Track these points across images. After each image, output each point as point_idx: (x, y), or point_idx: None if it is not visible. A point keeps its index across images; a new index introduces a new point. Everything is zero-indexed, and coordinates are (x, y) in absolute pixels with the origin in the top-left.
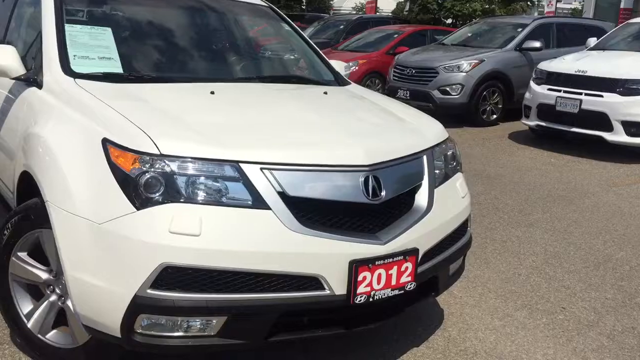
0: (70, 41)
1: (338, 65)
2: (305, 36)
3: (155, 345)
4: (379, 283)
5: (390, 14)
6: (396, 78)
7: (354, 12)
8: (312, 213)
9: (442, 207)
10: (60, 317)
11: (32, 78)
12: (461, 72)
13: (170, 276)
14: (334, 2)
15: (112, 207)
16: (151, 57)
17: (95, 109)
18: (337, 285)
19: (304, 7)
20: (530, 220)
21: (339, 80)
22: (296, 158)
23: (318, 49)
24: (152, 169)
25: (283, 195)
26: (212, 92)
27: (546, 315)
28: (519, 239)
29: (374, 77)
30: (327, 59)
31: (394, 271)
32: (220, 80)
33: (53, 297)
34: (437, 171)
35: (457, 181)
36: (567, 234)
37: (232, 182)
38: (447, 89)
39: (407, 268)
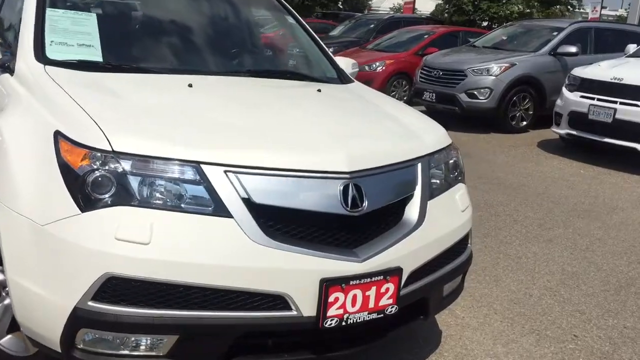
0: (50, 26)
1: (345, 63)
2: (311, 31)
3: None
4: (353, 305)
5: (428, 15)
6: (423, 80)
7: (392, 12)
8: (281, 224)
9: (436, 221)
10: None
11: (7, 64)
12: (490, 75)
13: (115, 288)
14: (372, 2)
15: (57, 207)
16: (135, 46)
17: (54, 99)
18: (306, 306)
19: (340, 7)
20: (550, 235)
21: (341, 78)
22: (265, 161)
23: (323, 45)
24: (103, 167)
25: (248, 202)
26: (190, 85)
27: (555, 343)
28: (535, 256)
29: (400, 78)
30: (331, 56)
31: (372, 292)
32: (206, 73)
33: (8, 300)
34: (435, 181)
35: (458, 193)
36: (589, 252)
37: (193, 185)
38: (475, 92)
39: (387, 289)
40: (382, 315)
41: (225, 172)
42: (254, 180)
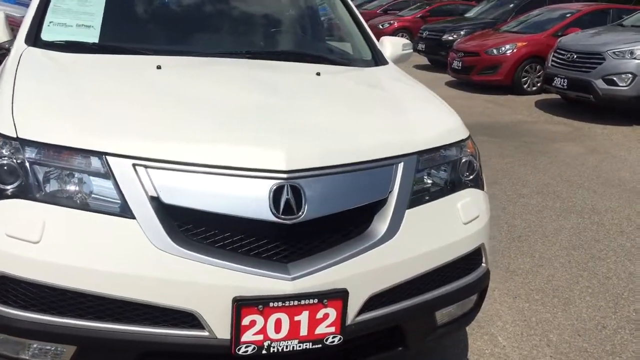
0: (54, 6)
1: (393, 43)
2: (353, 9)
3: None
4: (277, 331)
5: None
6: (555, 64)
7: None
8: (194, 229)
9: (417, 234)
10: None
11: (10, 46)
12: (635, 59)
13: (8, 289)
14: None
15: None
16: (134, 26)
17: (3, 82)
18: (219, 327)
19: None
20: None
21: (376, 60)
22: (181, 154)
23: (363, 23)
24: (7, 155)
25: (157, 201)
26: (159, 67)
27: None
28: (629, 277)
29: (534, 63)
30: (371, 36)
31: (303, 318)
32: (199, 55)
33: None
34: (425, 184)
35: (462, 200)
36: None
37: (97, 179)
38: (614, 78)
39: (326, 315)
40: (320, 345)
41: (134, 165)
42: (166, 177)
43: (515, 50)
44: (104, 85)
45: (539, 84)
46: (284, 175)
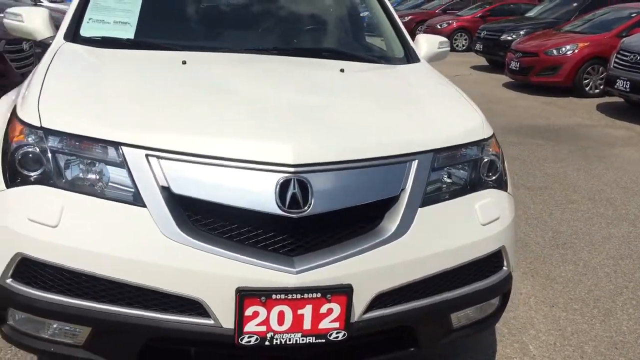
0: (94, 4)
1: (430, 41)
2: (389, 6)
3: (23, 344)
4: (280, 324)
5: None
6: (617, 65)
7: None
8: (202, 219)
9: (430, 233)
10: None
11: (50, 42)
12: None
13: (29, 270)
14: None
15: None
16: (168, 23)
17: (37, 75)
18: (224, 316)
19: None
20: None
21: (408, 57)
22: (192, 146)
23: (397, 21)
24: (32, 144)
25: (168, 191)
26: (184, 62)
27: None
28: None
29: (597, 64)
30: (404, 33)
31: (306, 312)
32: (227, 50)
33: None
34: (442, 183)
35: (482, 200)
36: None
37: (113, 168)
38: None
39: (330, 311)
40: (323, 340)
41: (147, 156)
42: (177, 168)
43: (576, 51)
44: (128, 79)
45: (601, 87)
46: (291, 169)
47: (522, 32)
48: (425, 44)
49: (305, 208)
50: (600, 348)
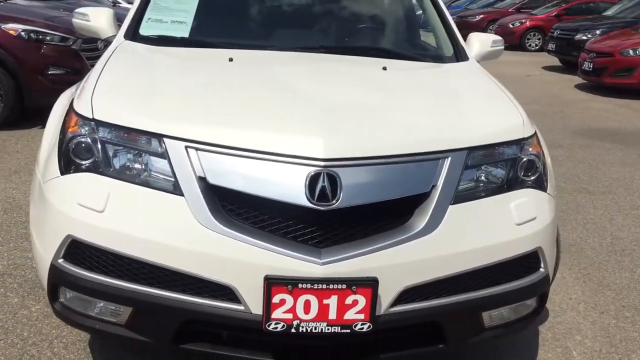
0: (154, 4)
1: (482, 40)
2: (441, 5)
3: (71, 321)
4: (307, 312)
5: None
6: None
7: None
8: (236, 209)
9: (462, 231)
10: None
11: (112, 41)
12: None
13: (77, 251)
14: None
15: (51, 168)
16: (220, 22)
17: (95, 70)
18: (253, 302)
19: None
20: None
21: (458, 56)
22: (228, 139)
23: (448, 20)
24: (85, 134)
25: (204, 181)
26: (231, 59)
27: None
28: None
29: None
30: (455, 32)
31: (332, 302)
32: (271, 48)
33: None
34: (480, 179)
35: (518, 199)
36: None
37: (157, 158)
38: None
39: (355, 302)
40: (349, 331)
41: (186, 147)
42: (213, 159)
43: None
44: (175, 75)
45: None
46: (321, 163)
47: (598, 32)
48: (477, 42)
49: (334, 201)
50: None
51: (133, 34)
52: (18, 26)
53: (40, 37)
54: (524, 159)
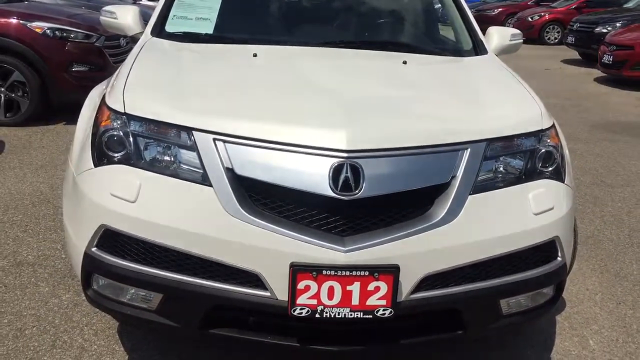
0: (179, 2)
1: (501, 33)
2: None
3: (104, 307)
4: (330, 298)
5: None
6: None
7: None
8: (263, 199)
9: (481, 220)
10: None
11: (140, 37)
12: None
13: (110, 239)
14: None
15: (85, 161)
16: (244, 19)
17: (125, 66)
18: (279, 289)
19: None
20: None
21: (477, 50)
22: (255, 131)
23: (468, 13)
24: (117, 128)
25: (232, 172)
26: (255, 55)
27: None
28: None
29: None
30: (473, 26)
31: (354, 288)
32: (294, 43)
33: None
34: (495, 172)
35: (535, 190)
36: None
37: (186, 151)
38: None
39: (377, 288)
40: (371, 316)
41: (214, 140)
42: (241, 151)
43: None
44: (202, 70)
45: None
46: (344, 155)
47: (618, 24)
48: (496, 36)
49: (357, 191)
50: None
51: (159, 31)
52: (44, 24)
53: (65, 34)
54: (542, 150)
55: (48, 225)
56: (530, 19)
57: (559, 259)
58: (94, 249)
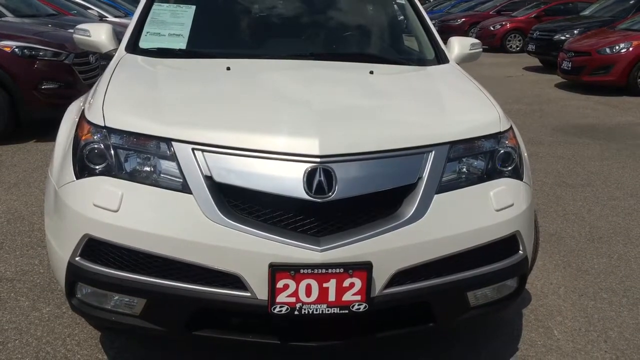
0: (151, 19)
1: (462, 43)
2: (421, 10)
3: (87, 314)
4: (308, 295)
5: None
6: None
7: None
8: (241, 204)
9: (445, 218)
10: None
11: (113, 54)
12: None
13: (94, 248)
14: None
15: (66, 173)
16: (216, 34)
17: (102, 81)
18: (259, 288)
19: None
20: None
21: (439, 59)
22: (232, 141)
23: (429, 24)
24: (98, 141)
25: (210, 180)
26: (228, 68)
27: None
28: None
29: None
30: (435, 36)
31: (331, 285)
32: (265, 57)
33: None
34: (461, 170)
35: (496, 188)
36: None
37: (165, 161)
38: None
39: (352, 285)
40: (347, 311)
41: (193, 150)
42: (219, 159)
43: (631, 49)
44: (178, 84)
45: None
46: (317, 160)
47: (576, 32)
48: (457, 45)
49: (330, 194)
50: (625, 334)
51: (133, 48)
52: (12, 43)
53: (34, 52)
54: (501, 151)
55: (24, 242)
56: (492, 28)
57: (520, 252)
58: (77, 258)
